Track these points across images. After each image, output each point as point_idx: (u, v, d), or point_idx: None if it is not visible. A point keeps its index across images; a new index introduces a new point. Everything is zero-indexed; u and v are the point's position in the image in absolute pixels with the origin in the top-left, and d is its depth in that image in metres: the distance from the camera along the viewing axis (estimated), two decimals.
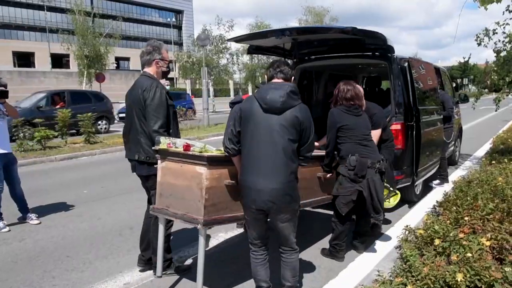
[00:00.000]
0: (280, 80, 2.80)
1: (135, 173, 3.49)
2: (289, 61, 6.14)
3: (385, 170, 3.74)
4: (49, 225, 4.99)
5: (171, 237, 3.66)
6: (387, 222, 4.91)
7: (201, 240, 2.86)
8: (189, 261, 3.87)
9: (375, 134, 4.26)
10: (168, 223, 3.40)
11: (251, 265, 2.94)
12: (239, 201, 2.95)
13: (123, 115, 9.66)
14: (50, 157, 9.67)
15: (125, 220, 5.11)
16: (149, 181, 3.38)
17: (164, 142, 3.05)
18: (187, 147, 2.91)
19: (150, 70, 3.39)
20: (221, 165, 2.90)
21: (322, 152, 3.88)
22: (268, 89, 2.73)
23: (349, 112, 3.75)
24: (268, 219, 2.85)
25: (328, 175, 3.81)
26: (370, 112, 4.20)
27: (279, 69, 2.80)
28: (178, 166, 2.99)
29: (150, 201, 3.48)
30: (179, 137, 3.41)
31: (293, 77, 2.91)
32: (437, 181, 6.38)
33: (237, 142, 2.78)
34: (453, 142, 6.99)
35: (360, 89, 3.89)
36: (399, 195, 4.15)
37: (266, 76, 2.90)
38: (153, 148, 3.13)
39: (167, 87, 15.98)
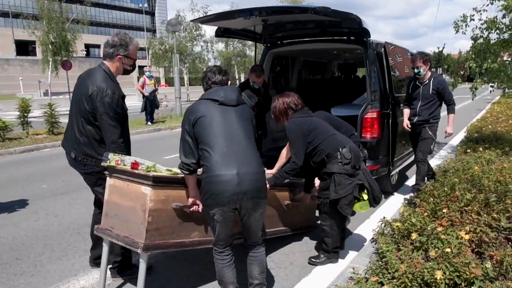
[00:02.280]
0: None
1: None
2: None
3: (366, 157, 3.53)
4: None
5: None
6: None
7: (142, 266, 2.64)
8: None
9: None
10: None
11: (216, 268, 2.70)
12: (188, 226, 2.78)
13: None
14: (9, 149, 9.06)
15: (85, 217, 4.72)
16: (87, 179, 3.10)
17: (113, 159, 2.81)
18: (134, 165, 2.69)
19: (110, 65, 3.01)
20: (169, 187, 2.68)
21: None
22: (217, 90, 2.70)
23: (305, 116, 3.40)
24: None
25: (309, 198, 3.71)
26: None
27: (212, 81, 2.78)
28: (125, 185, 2.76)
29: (96, 202, 3.21)
30: (129, 142, 3.14)
31: (229, 82, 2.89)
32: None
33: (196, 155, 2.57)
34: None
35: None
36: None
37: (203, 87, 2.88)
38: (101, 164, 2.87)
39: (149, 84, 13.06)
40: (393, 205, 4.79)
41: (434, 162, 6.84)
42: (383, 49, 5.04)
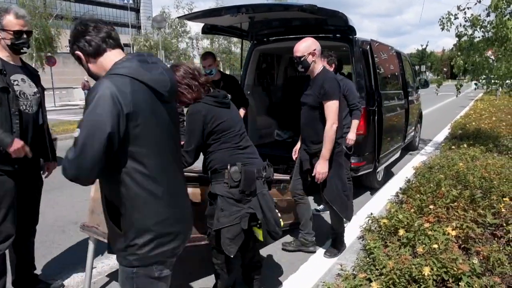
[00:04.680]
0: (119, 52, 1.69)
1: None
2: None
3: (271, 178, 2.64)
4: None
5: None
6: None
7: None
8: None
9: (329, 108, 3.11)
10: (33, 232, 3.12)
11: None
12: None
13: None
14: None
15: (69, 214, 4.66)
16: None
17: None
18: None
19: None
20: None
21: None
22: (145, 64, 1.59)
23: (219, 104, 2.50)
24: None
25: None
26: (319, 82, 3.18)
27: (115, 35, 1.70)
28: None
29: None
30: (13, 129, 2.54)
31: None
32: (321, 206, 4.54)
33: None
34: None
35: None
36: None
37: (90, 44, 1.66)
38: None
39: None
40: (380, 202, 4.81)
41: (419, 158, 6.92)
42: (368, 46, 5.06)
